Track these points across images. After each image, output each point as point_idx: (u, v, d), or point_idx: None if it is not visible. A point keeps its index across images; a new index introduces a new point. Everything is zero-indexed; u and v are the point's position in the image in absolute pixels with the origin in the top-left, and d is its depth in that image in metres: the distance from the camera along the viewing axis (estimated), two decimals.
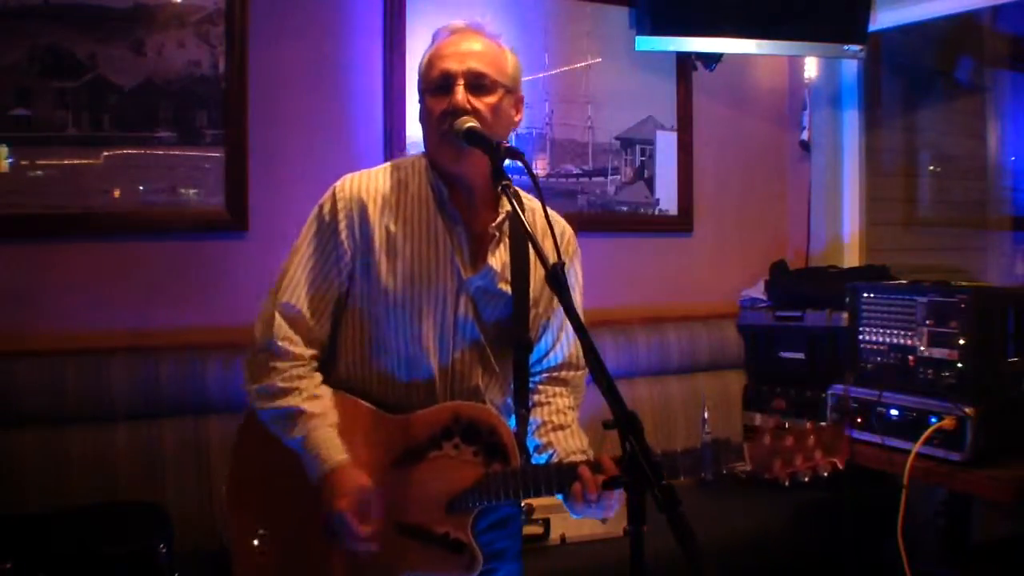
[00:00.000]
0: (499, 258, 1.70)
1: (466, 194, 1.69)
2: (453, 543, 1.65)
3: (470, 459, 1.66)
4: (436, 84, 1.63)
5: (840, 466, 1.66)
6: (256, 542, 1.69)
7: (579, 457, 1.69)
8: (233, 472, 1.75)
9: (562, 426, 1.77)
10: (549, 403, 1.80)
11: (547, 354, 1.82)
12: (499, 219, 1.70)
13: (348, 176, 1.72)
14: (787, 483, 1.65)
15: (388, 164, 1.76)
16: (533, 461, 1.74)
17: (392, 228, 1.67)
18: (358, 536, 1.59)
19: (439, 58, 1.65)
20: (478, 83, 1.63)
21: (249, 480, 1.73)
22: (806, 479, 1.65)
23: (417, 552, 1.65)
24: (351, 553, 1.63)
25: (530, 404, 1.79)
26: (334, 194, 1.69)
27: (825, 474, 1.64)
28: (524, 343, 1.73)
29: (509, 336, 1.72)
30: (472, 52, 1.64)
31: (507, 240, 1.71)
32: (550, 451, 1.74)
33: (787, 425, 1.65)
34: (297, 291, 1.66)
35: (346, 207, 1.67)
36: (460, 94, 1.60)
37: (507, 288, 1.70)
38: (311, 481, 1.63)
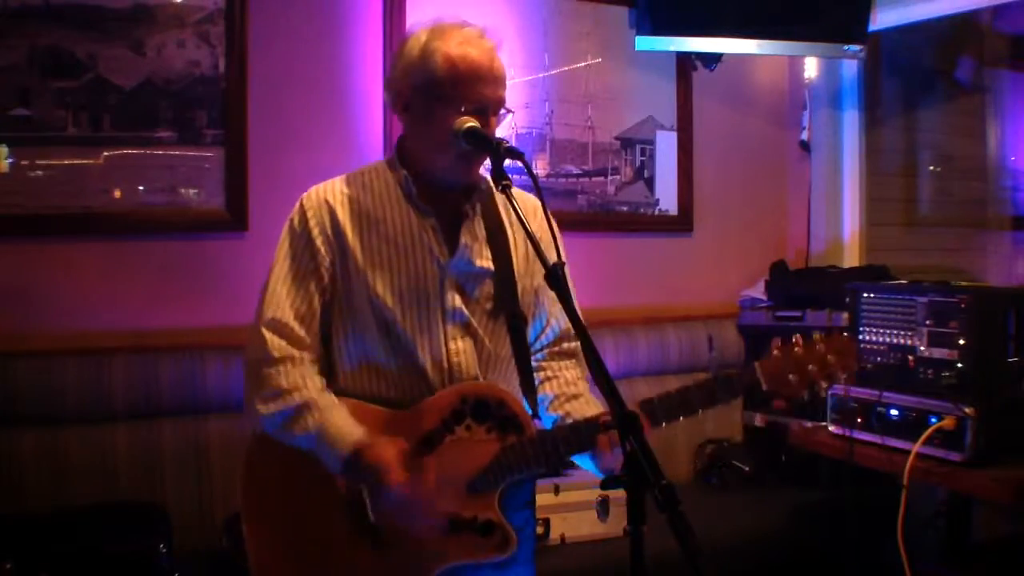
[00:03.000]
0: (473, 234, 1.70)
1: (437, 185, 1.70)
2: (483, 525, 1.63)
3: (484, 437, 1.64)
4: (469, 106, 1.59)
5: (855, 367, 1.67)
6: (277, 561, 1.67)
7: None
8: (246, 496, 1.72)
9: (576, 395, 1.77)
10: (557, 377, 1.79)
11: (544, 329, 1.82)
12: (470, 199, 1.71)
13: (312, 188, 1.73)
14: (806, 396, 1.65)
15: (345, 174, 1.75)
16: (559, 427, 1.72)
17: (364, 230, 1.67)
18: (417, 505, 1.59)
19: (475, 77, 1.60)
20: (498, 109, 1.64)
21: (264, 502, 1.70)
22: (822, 393, 1.64)
23: (447, 544, 1.62)
24: (379, 559, 1.62)
25: (537, 382, 1.78)
26: (302, 205, 1.70)
27: (842, 380, 1.62)
28: (518, 317, 1.72)
29: (499, 313, 1.71)
30: (501, 79, 1.64)
31: (480, 217, 1.71)
32: (569, 421, 1.72)
33: (795, 338, 1.65)
34: (281, 305, 1.65)
35: (316, 214, 1.68)
36: (494, 127, 1.62)
37: (488, 264, 1.70)
38: (332, 470, 1.61)
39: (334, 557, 1.65)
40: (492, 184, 1.53)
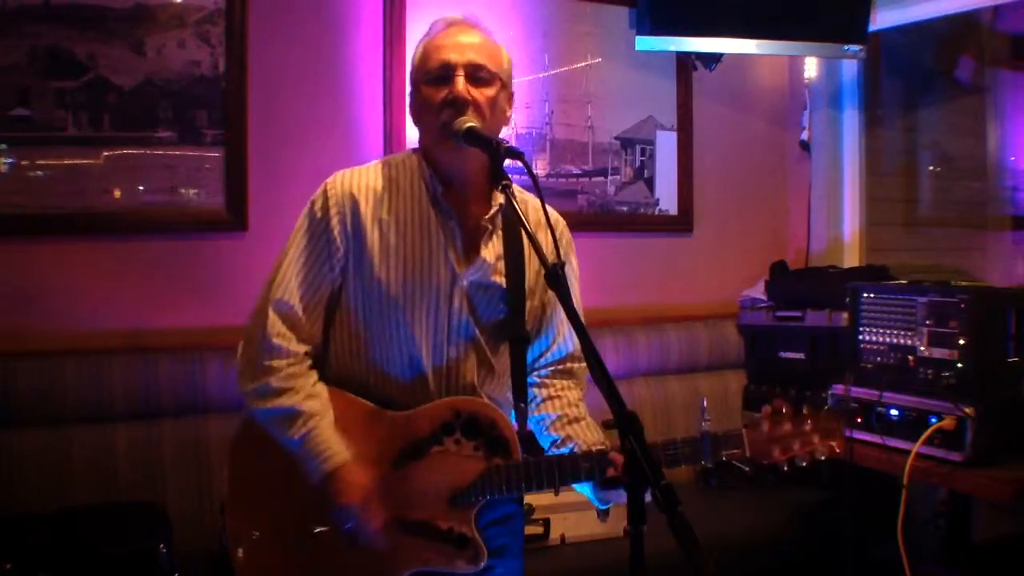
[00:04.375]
0: (492, 250, 1.70)
1: (461, 189, 1.70)
2: (457, 538, 1.65)
3: (471, 454, 1.66)
4: (435, 74, 1.64)
5: (838, 451, 1.74)
6: (256, 545, 1.68)
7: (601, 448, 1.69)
8: (232, 477, 1.74)
9: (578, 418, 1.78)
10: (560, 396, 1.80)
11: (551, 347, 1.82)
12: (492, 211, 1.70)
13: (339, 173, 1.72)
14: (786, 468, 1.72)
15: (378, 161, 1.76)
16: (551, 454, 1.74)
17: (385, 224, 1.67)
18: (369, 530, 1.61)
19: (437, 48, 1.65)
20: (477, 74, 1.64)
21: (248, 484, 1.72)
22: (804, 464, 1.72)
23: (421, 548, 1.65)
24: (354, 552, 1.63)
25: (539, 399, 1.80)
26: (325, 191, 1.69)
27: (823, 458, 1.71)
28: (520, 336, 1.73)
29: (505, 330, 1.72)
30: (471, 44, 1.66)
31: (500, 232, 1.71)
32: (571, 444, 1.73)
33: (785, 410, 1.71)
34: (290, 288, 1.66)
35: (338, 203, 1.67)
36: (461, 84, 1.62)
37: (501, 280, 1.70)
38: (311, 481, 1.63)
39: (313, 548, 1.66)
40: (511, 196, 1.54)
